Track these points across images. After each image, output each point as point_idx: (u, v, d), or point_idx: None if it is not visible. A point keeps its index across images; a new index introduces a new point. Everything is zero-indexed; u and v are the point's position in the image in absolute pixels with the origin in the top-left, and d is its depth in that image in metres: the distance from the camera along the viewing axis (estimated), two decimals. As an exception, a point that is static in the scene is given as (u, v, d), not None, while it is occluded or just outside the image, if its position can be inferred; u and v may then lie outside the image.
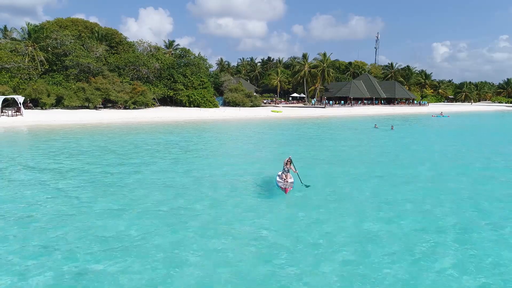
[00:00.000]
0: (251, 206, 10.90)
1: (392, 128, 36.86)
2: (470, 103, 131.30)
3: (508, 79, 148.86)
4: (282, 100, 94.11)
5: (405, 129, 38.63)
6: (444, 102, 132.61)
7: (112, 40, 62.18)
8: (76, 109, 47.36)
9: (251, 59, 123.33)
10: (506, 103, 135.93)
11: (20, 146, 21.86)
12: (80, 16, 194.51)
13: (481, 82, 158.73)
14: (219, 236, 8.54)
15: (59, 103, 47.39)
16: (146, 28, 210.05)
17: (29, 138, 25.47)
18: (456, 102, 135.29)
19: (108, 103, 52.03)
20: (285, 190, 11.70)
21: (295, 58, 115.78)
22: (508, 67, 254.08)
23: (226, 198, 11.59)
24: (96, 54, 54.05)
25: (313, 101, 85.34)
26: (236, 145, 24.59)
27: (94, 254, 7.43)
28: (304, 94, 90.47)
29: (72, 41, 52.45)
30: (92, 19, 66.74)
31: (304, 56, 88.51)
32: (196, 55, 71.14)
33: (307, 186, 12.63)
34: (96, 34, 60.37)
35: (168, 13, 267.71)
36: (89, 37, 58.43)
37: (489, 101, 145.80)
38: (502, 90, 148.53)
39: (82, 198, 11.14)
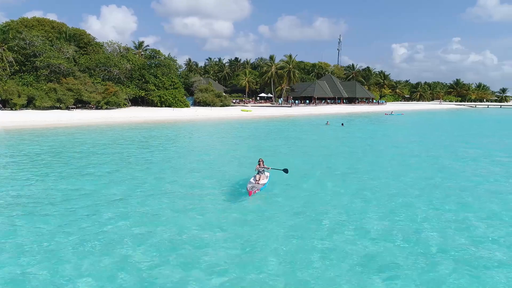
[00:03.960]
0: (205, 207, 10.93)
1: (342, 125, 40.72)
2: (439, 102, 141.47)
3: (457, 79, 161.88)
4: (251, 100, 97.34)
5: (354, 125, 42.84)
6: (401, 101, 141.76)
7: (80, 41, 62.46)
8: (48, 109, 47.77)
9: (219, 59, 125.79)
10: (456, 101, 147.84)
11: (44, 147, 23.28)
12: (38, 13, 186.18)
13: (434, 82, 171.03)
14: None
15: (29, 104, 47.66)
16: (109, 27, 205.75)
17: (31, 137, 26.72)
18: (412, 101, 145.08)
19: (79, 103, 52.66)
20: (249, 192, 11.42)
21: (262, 59, 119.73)
22: (462, 68, 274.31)
23: (184, 199, 11.72)
24: (66, 55, 54.43)
25: (280, 101, 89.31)
26: (212, 142, 27.43)
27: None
28: (272, 94, 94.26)
29: (41, 41, 52.55)
30: (51, 17, 66.00)
31: (271, 58, 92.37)
32: (166, 55, 72.82)
33: (284, 170, 13.13)
34: (64, 35, 60.47)
35: (132, 12, 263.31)
36: (57, 38, 58.48)
37: (441, 100, 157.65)
38: (452, 90, 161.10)
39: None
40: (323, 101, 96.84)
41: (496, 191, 13.29)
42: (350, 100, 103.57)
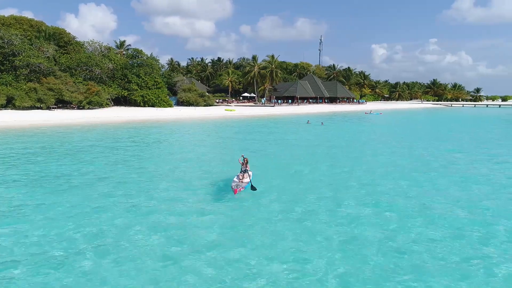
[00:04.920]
0: (191, 205, 11.18)
1: (322, 124, 41.93)
2: (421, 102, 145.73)
3: (434, 79, 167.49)
4: (233, 99, 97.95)
5: (332, 124, 44.40)
6: (380, 100, 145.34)
7: (60, 40, 61.62)
8: (28, 109, 47.04)
9: (202, 59, 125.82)
10: (433, 101, 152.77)
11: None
12: (13, 11, 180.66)
13: (413, 82, 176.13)
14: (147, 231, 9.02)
15: (9, 104, 46.81)
16: (88, 25, 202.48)
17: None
18: (391, 100, 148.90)
19: (60, 103, 51.95)
20: (234, 191, 11.59)
21: (244, 59, 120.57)
22: (439, 68, 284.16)
23: (171, 197, 11.98)
24: (46, 54, 53.68)
25: (263, 100, 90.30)
26: (198, 141, 28.04)
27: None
28: (255, 93, 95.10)
29: (20, 40, 51.62)
30: (26, 15, 63.97)
31: (254, 58, 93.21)
32: (148, 55, 72.46)
33: (253, 189, 12.24)
34: (43, 34, 59.54)
35: (111, 10, 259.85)
36: (36, 37, 57.53)
37: (419, 100, 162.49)
38: (429, 89, 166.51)
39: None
40: (305, 101, 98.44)
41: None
42: (332, 100, 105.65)
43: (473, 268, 7.50)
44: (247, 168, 12.85)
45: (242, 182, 12.37)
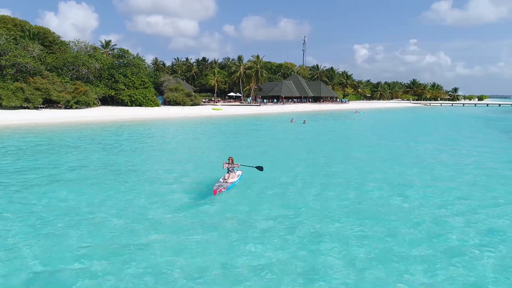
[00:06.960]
0: (164, 204, 10.99)
1: (304, 122, 43.80)
2: (409, 101, 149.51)
3: (413, 79, 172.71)
4: (220, 99, 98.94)
5: (314, 122, 46.40)
6: (363, 100, 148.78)
7: (44, 39, 61.45)
8: (15, 109, 47.02)
9: (187, 59, 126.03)
10: (412, 100, 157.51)
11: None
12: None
13: (393, 82, 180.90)
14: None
15: (-6, 103, 46.69)
16: (68, 24, 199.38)
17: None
18: (373, 100, 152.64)
19: (46, 103, 51.94)
20: (214, 191, 11.17)
21: (229, 59, 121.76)
22: (418, 68, 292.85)
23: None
24: (32, 53, 53.61)
25: (248, 100, 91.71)
26: (189, 139, 29.26)
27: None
28: (240, 93, 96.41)
29: (5, 39, 51.41)
30: (3, 12, 63.56)
31: (239, 58, 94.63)
32: (134, 55, 72.79)
33: (257, 168, 12.96)
34: (28, 33, 59.28)
35: (92, 9, 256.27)
36: (20, 36, 57.30)
37: (400, 99, 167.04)
38: (409, 89, 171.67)
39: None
40: (290, 100, 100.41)
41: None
42: (316, 99, 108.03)
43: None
44: (234, 166, 12.57)
45: (226, 182, 12.01)
